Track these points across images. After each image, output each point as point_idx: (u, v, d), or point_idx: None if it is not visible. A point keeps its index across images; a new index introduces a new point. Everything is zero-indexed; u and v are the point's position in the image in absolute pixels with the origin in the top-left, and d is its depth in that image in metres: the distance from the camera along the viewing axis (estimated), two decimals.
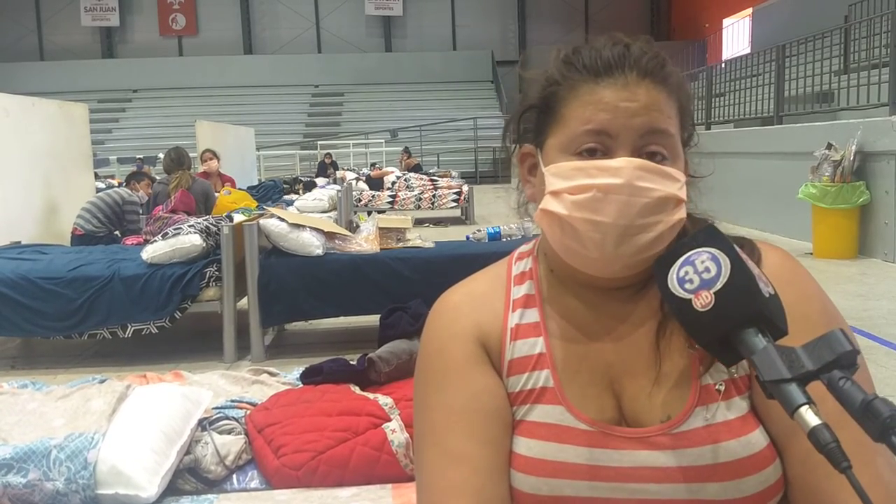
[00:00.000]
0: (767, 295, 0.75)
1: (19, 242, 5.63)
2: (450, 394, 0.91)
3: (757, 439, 0.85)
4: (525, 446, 0.88)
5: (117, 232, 6.39)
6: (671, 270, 0.79)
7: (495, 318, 0.94)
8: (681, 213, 0.86)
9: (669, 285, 0.78)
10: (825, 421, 0.66)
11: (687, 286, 0.77)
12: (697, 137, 0.95)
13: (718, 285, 0.75)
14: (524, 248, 1.02)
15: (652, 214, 0.84)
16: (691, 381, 0.87)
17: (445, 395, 0.91)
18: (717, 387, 0.86)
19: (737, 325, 0.74)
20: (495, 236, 4.91)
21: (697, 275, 0.77)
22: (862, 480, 0.64)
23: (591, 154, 0.86)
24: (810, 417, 0.66)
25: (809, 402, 0.67)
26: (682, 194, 0.86)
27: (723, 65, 13.98)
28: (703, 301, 0.75)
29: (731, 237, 0.83)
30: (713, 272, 0.76)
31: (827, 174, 7.13)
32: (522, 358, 0.92)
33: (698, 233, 0.81)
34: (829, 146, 7.18)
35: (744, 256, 0.77)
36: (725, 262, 0.76)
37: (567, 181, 0.86)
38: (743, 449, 0.84)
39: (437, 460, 0.90)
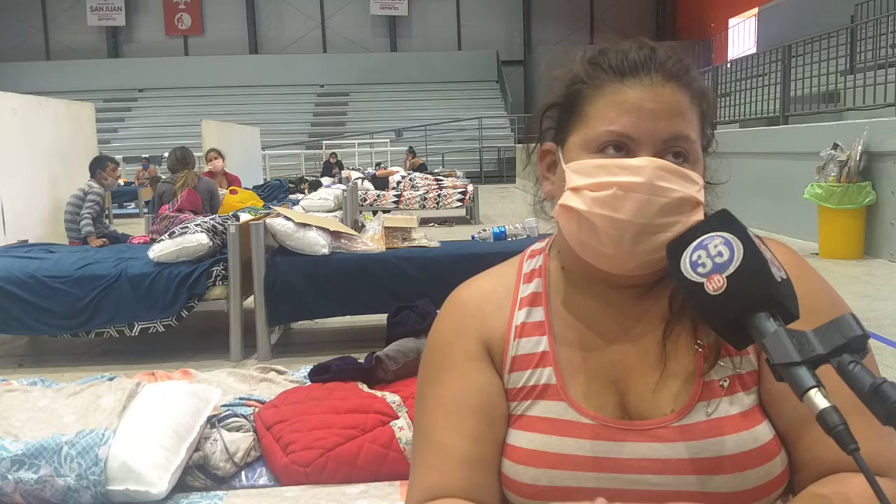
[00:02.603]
0: (779, 279, 0.76)
1: (27, 241, 5.66)
2: (442, 387, 0.95)
3: (760, 434, 0.86)
4: (526, 440, 0.91)
5: (107, 221, 6.46)
6: (684, 254, 0.80)
7: (502, 315, 0.96)
8: (698, 216, 0.87)
9: (682, 269, 0.79)
10: (834, 403, 0.67)
11: (700, 270, 0.78)
12: (716, 143, 0.96)
13: (731, 269, 0.76)
14: (537, 245, 1.03)
15: (670, 214, 0.85)
16: (695, 377, 0.89)
17: (438, 387, 0.95)
18: (720, 383, 0.88)
19: (748, 309, 0.75)
20: (500, 236, 4.92)
21: (710, 259, 0.77)
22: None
23: (615, 151, 0.87)
24: (819, 400, 0.67)
25: (819, 384, 0.68)
26: (701, 197, 0.87)
27: (728, 65, 13.99)
28: (716, 285, 0.76)
29: None
30: (726, 256, 0.77)
31: (833, 174, 7.12)
32: (525, 355, 0.94)
33: (711, 217, 0.83)
34: (835, 146, 7.17)
35: (756, 241, 0.78)
36: (738, 247, 0.77)
37: (588, 178, 0.87)
38: (745, 443, 0.85)
39: (421, 446, 0.96)
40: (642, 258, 0.86)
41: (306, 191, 11.41)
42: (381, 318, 3.87)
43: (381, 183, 12.90)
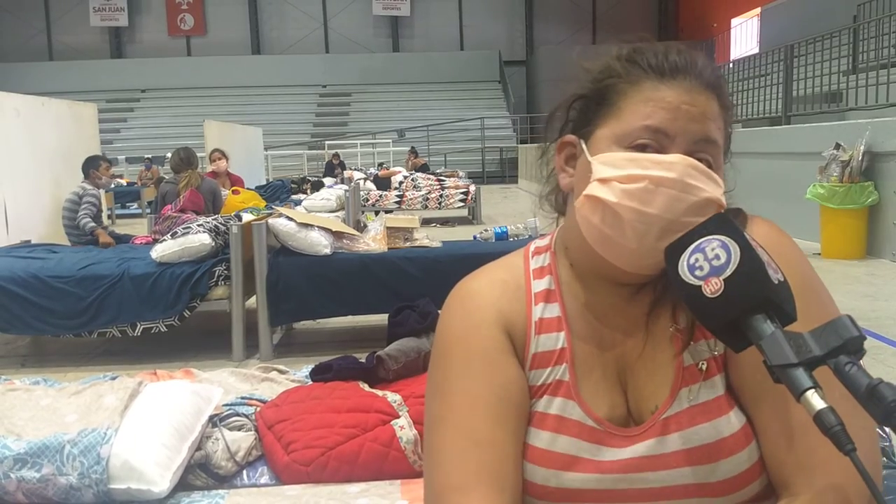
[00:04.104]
0: (776, 282, 0.76)
1: (29, 241, 5.67)
2: (474, 380, 0.91)
3: (737, 418, 0.87)
4: (537, 437, 0.90)
5: (108, 222, 6.41)
6: (682, 258, 0.80)
7: (519, 308, 0.95)
8: None
9: (680, 272, 0.80)
10: (831, 405, 0.67)
11: (697, 273, 0.78)
12: (731, 154, 0.97)
13: (728, 272, 0.76)
14: (540, 242, 1.02)
15: (696, 214, 0.85)
16: (674, 361, 0.90)
17: (469, 381, 0.91)
18: (699, 366, 0.89)
19: (745, 312, 0.75)
20: (502, 236, 4.93)
21: (707, 262, 0.78)
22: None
23: (644, 149, 0.87)
24: (816, 401, 0.68)
25: (816, 386, 0.68)
26: (724, 201, 0.88)
27: (731, 65, 13.97)
28: (713, 288, 0.76)
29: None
30: (723, 259, 0.77)
31: (835, 174, 7.12)
32: (546, 352, 0.93)
33: (709, 220, 0.83)
34: (838, 146, 7.17)
35: (754, 244, 0.78)
36: (735, 250, 0.77)
37: (618, 170, 0.87)
38: (725, 428, 0.87)
39: (459, 443, 0.89)
40: (661, 256, 0.86)
41: (309, 191, 11.41)
42: (382, 318, 3.88)
43: (383, 183, 12.91)
